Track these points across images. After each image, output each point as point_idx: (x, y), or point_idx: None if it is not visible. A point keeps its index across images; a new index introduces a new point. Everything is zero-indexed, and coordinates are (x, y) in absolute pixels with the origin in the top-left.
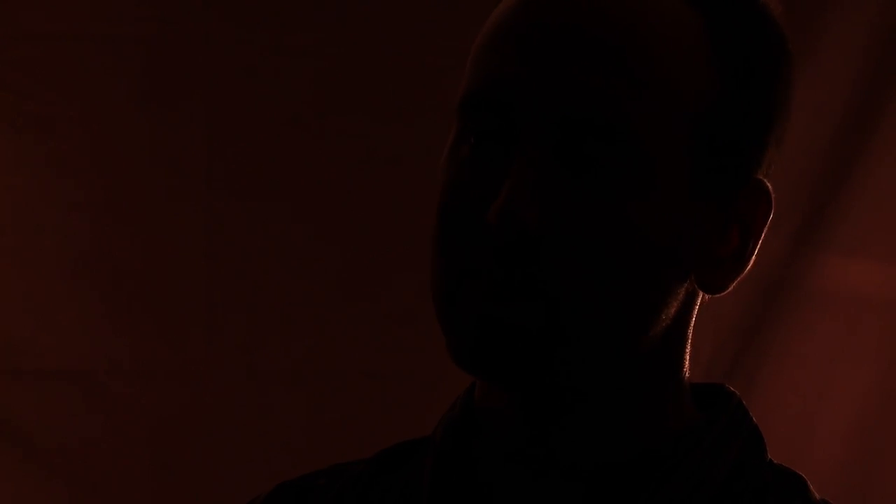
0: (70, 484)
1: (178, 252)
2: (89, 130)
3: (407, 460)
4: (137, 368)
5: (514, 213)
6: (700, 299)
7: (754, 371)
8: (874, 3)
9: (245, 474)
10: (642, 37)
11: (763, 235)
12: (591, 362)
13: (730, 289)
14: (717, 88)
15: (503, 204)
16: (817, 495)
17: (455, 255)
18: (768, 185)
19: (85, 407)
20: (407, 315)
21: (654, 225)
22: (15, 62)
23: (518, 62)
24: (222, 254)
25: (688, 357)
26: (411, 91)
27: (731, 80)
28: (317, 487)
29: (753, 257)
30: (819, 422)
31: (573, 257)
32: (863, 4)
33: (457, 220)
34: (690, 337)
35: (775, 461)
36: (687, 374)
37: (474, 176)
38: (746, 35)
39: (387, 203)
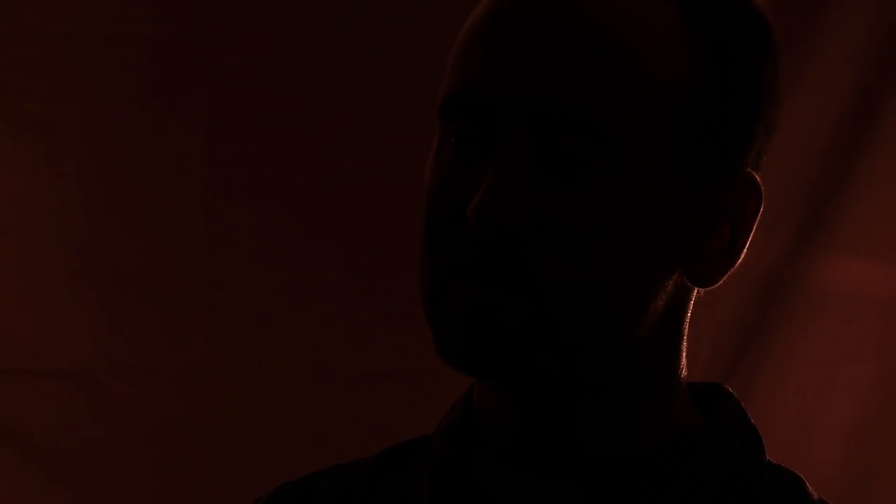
0: (70, 484)
1: (178, 252)
2: (89, 130)
3: (408, 461)
4: (137, 368)
5: (491, 209)
6: (695, 294)
7: (754, 371)
8: (874, 3)
9: (245, 474)
10: (615, 30)
11: (754, 230)
12: (580, 357)
13: (720, 282)
14: (696, 78)
15: (480, 201)
16: (815, 495)
17: (440, 255)
18: (757, 178)
19: (85, 407)
20: (407, 315)
21: (634, 217)
22: (15, 62)
23: (492, 61)
24: (222, 254)
25: (684, 354)
26: (411, 91)
27: (711, 69)
28: (318, 489)
29: (744, 252)
30: (819, 422)
31: (556, 252)
32: (863, 4)
33: (441, 220)
34: (686, 333)
35: (775, 461)
36: (684, 372)
37: (456, 176)
38: (725, 24)
39: (387, 203)
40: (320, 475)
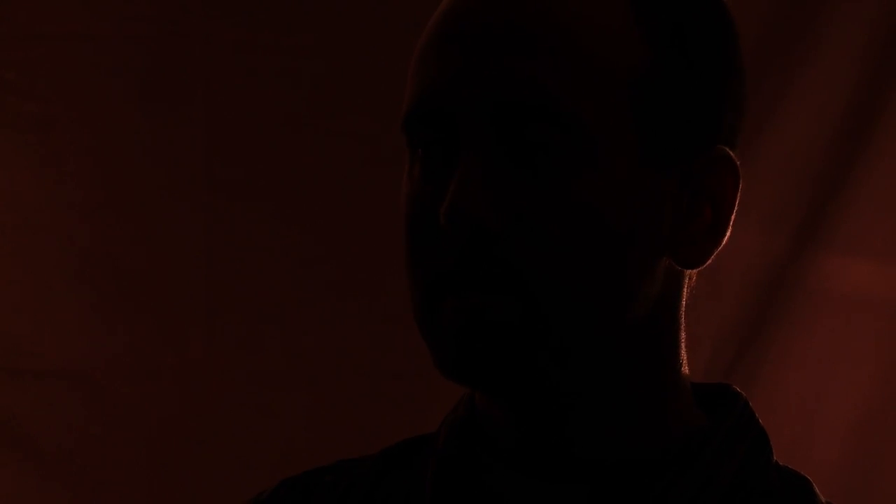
0: (70, 484)
1: (178, 252)
2: (89, 130)
3: (412, 459)
4: (137, 368)
5: (463, 210)
6: (688, 282)
7: (754, 371)
8: (874, 3)
9: (245, 474)
10: (557, 18)
11: (736, 207)
12: (575, 347)
13: (708, 262)
14: (650, 55)
15: (450, 202)
16: (823, 498)
17: (424, 268)
18: (730, 153)
19: (84, 407)
20: (407, 314)
21: (603, 199)
22: (15, 62)
23: (445, 69)
24: (222, 254)
25: (683, 347)
26: None
27: (664, 45)
28: (322, 484)
29: (729, 230)
30: (819, 422)
31: (532, 243)
32: (863, 4)
33: (419, 234)
34: (682, 323)
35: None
36: (685, 368)
37: (427, 188)
38: (671, 1)
39: (386, 203)
40: (324, 470)
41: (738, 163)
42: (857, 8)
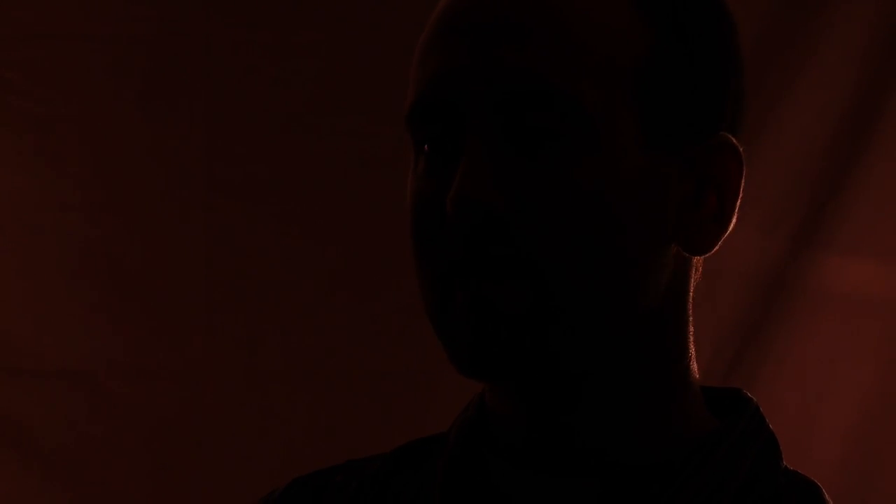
0: (69, 484)
1: (177, 252)
2: (89, 130)
3: (424, 459)
4: (137, 368)
5: (470, 197)
6: (694, 273)
7: (754, 371)
8: (874, 3)
9: (244, 474)
10: (560, 8)
11: (741, 193)
12: (585, 334)
13: (716, 248)
14: (650, 43)
15: (457, 191)
16: (832, 502)
17: (433, 260)
18: (733, 139)
19: (85, 407)
20: (407, 314)
21: (608, 187)
22: (15, 62)
23: (447, 62)
24: (222, 254)
25: (691, 343)
26: None
27: (664, 33)
28: (333, 484)
29: (735, 215)
30: (819, 422)
31: (541, 229)
32: (863, 4)
33: (427, 227)
34: (690, 316)
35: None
36: (693, 364)
37: (434, 178)
38: None
39: (386, 203)
40: (335, 470)
41: (742, 149)
42: (857, 8)
